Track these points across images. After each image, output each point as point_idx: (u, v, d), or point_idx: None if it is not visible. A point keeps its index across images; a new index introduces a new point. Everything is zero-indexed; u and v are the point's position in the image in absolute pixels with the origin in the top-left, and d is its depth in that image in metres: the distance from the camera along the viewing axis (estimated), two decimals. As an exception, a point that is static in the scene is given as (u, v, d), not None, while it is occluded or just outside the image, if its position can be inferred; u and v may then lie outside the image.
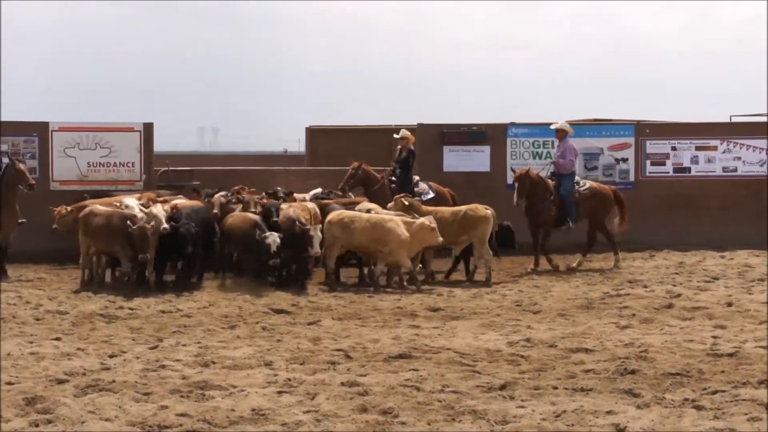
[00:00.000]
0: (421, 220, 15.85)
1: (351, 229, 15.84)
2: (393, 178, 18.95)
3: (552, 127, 19.12)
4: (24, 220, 17.39)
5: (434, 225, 15.67)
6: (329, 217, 16.17)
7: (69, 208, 18.00)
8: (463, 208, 16.81)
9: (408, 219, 16.02)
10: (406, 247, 15.67)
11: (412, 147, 19.09)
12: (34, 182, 17.11)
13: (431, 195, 18.94)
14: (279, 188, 18.07)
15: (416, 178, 19.17)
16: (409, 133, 19.17)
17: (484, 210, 16.57)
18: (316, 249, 15.38)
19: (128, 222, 15.08)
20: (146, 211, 14.95)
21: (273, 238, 15.05)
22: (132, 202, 16.19)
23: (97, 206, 16.23)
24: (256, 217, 15.84)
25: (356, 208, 16.69)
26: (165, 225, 14.90)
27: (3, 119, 20.49)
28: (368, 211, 16.46)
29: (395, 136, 19.26)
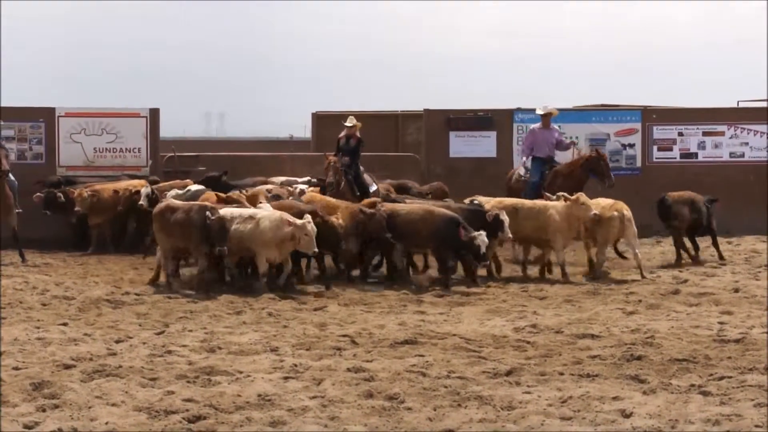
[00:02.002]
0: (576, 196, 15.20)
1: (517, 217, 15.11)
2: (348, 170, 17.64)
3: (539, 112, 18.65)
4: (20, 210, 17.34)
5: (583, 199, 15.13)
6: (489, 204, 15.38)
7: (89, 192, 18.10)
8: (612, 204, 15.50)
9: (567, 197, 15.30)
10: (564, 234, 15.20)
11: (359, 134, 17.96)
12: (7, 169, 16.88)
13: (375, 187, 18.10)
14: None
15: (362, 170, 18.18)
16: (356, 121, 18.05)
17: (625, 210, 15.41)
18: (508, 234, 14.76)
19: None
20: (299, 224, 13.57)
21: (482, 239, 14.10)
22: (267, 208, 14.68)
23: (174, 201, 15.20)
24: (453, 214, 14.80)
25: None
26: (315, 249, 13.64)
27: (10, 105, 20.51)
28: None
29: (345, 123, 17.96)
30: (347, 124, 17.95)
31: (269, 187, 17.69)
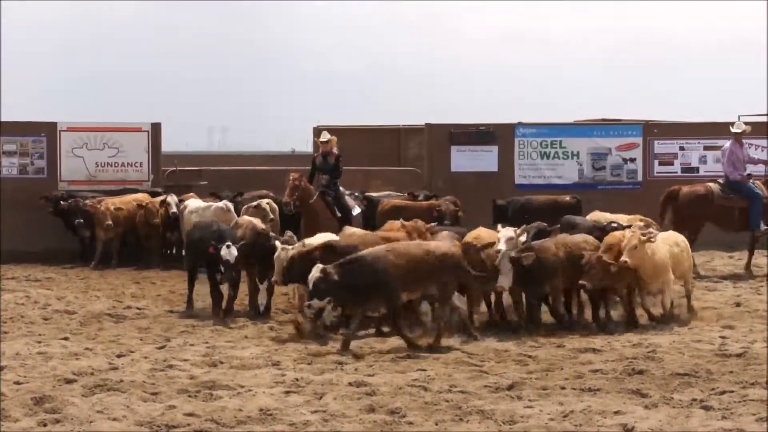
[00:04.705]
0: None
1: (680, 254, 12.77)
2: (328, 191, 16.59)
3: (734, 129, 17.91)
4: None
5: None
6: (663, 237, 12.64)
7: (115, 206, 18.27)
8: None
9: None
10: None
11: (336, 151, 16.81)
12: None
13: (358, 210, 17.17)
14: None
15: (343, 190, 17.13)
16: (329, 135, 16.87)
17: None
18: (500, 283, 11.78)
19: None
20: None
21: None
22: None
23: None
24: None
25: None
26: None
27: (12, 119, 20.61)
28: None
29: (321, 139, 16.86)
30: (321, 139, 16.82)
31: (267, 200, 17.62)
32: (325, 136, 16.91)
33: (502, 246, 12.00)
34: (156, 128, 20.54)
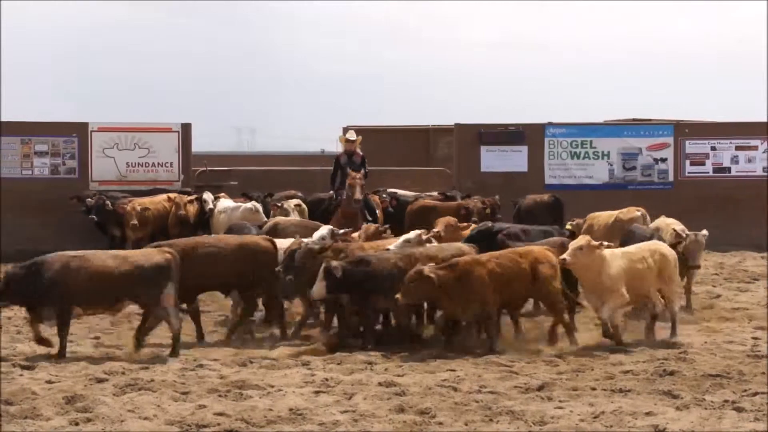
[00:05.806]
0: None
1: (645, 270, 11.31)
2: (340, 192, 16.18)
3: None
4: None
5: None
6: (628, 250, 11.43)
7: (140, 207, 18.23)
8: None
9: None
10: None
11: (360, 151, 16.56)
12: None
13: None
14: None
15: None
16: (356, 135, 16.64)
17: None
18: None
19: None
20: None
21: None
22: None
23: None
24: None
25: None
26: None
27: (43, 120, 20.80)
28: None
29: (349, 137, 16.61)
30: (348, 137, 16.57)
31: (296, 201, 17.65)
32: (352, 135, 16.89)
33: (391, 248, 11.72)
34: (186, 128, 20.64)
